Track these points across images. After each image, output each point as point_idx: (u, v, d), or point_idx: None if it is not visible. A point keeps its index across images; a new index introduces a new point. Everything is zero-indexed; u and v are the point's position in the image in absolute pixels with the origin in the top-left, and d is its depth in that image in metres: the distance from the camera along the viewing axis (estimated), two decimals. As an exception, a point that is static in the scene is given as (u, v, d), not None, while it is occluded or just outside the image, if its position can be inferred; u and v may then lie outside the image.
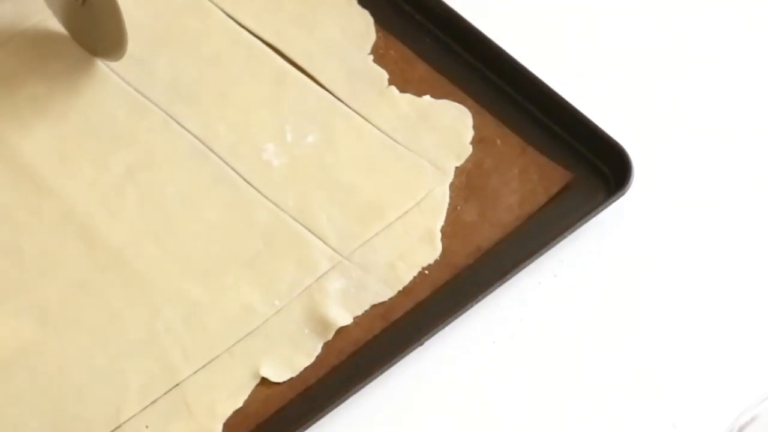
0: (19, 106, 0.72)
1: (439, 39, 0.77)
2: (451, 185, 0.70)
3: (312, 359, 0.64)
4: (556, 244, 0.68)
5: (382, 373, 0.63)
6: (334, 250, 0.67)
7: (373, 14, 0.77)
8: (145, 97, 0.73)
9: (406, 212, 0.69)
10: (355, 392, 0.62)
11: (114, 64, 0.73)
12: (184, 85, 0.73)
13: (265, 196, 0.69)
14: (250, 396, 0.62)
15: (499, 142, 0.72)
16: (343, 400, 0.62)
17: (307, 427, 0.61)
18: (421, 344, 0.64)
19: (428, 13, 0.77)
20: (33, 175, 0.69)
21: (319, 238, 0.67)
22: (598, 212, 0.69)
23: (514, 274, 0.67)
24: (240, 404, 0.62)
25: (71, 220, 0.67)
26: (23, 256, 0.66)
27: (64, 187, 0.69)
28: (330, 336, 0.64)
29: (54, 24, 0.75)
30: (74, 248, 0.66)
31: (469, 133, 0.72)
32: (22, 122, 0.71)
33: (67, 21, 0.75)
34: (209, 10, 0.77)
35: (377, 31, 0.76)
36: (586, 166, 0.72)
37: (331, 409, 0.62)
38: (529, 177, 0.70)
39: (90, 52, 0.74)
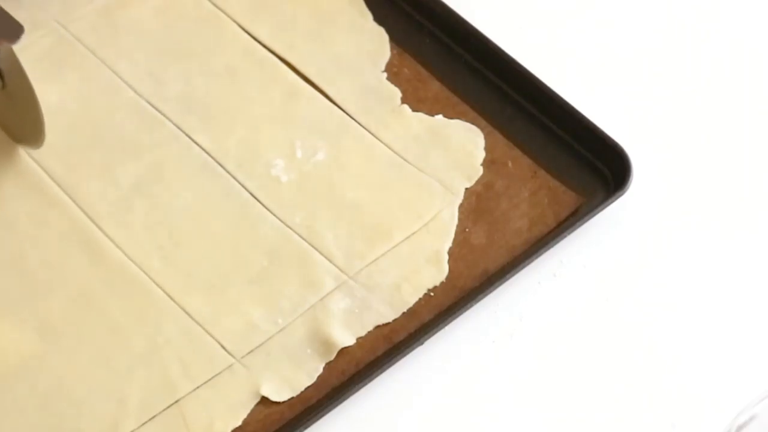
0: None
1: (454, 54, 0.76)
2: (461, 207, 0.70)
3: (313, 379, 0.63)
4: (556, 244, 0.68)
5: (382, 372, 0.63)
6: (340, 270, 0.67)
7: (388, 31, 0.77)
8: (156, 109, 0.72)
9: (414, 233, 0.68)
10: (355, 392, 0.62)
11: (126, 76, 0.73)
12: (196, 98, 0.73)
13: (273, 213, 0.69)
14: (249, 415, 0.62)
15: (510, 164, 0.71)
16: (343, 400, 0.62)
17: (307, 427, 0.61)
18: (421, 344, 0.64)
19: (446, 29, 0.77)
20: (41, 186, 0.69)
21: (325, 257, 0.67)
22: (598, 212, 0.69)
23: (514, 274, 0.67)
24: (239, 423, 0.62)
25: (77, 232, 0.67)
26: (27, 267, 0.66)
27: (71, 199, 0.68)
28: (332, 356, 0.64)
29: (72, 31, 0.76)
30: (79, 260, 0.66)
31: (481, 155, 0.72)
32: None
33: None
34: (223, 22, 0.77)
35: (392, 49, 0.76)
36: (586, 166, 0.71)
37: (331, 409, 0.62)
38: (539, 200, 0.70)
39: (12, 138, 0.71)
